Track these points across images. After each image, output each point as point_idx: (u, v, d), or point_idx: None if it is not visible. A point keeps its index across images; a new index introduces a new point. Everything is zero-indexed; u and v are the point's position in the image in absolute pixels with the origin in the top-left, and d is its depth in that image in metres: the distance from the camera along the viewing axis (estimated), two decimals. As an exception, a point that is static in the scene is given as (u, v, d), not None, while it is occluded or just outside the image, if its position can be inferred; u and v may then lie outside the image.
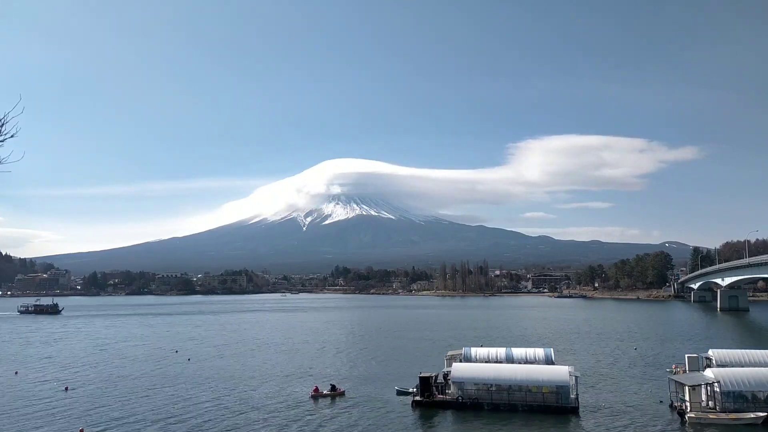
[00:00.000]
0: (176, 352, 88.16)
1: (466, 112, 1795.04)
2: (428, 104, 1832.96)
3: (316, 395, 54.73)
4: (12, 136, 12.01)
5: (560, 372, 49.35)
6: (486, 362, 54.95)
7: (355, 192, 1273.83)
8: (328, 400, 53.21)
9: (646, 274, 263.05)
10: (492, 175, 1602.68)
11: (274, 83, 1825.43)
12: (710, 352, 55.64)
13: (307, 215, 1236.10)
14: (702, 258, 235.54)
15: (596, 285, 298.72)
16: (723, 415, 43.12)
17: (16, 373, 70.33)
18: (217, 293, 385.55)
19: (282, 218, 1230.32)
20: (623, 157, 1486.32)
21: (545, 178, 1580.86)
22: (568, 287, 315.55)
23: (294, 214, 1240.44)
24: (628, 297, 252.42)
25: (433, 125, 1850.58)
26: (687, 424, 42.92)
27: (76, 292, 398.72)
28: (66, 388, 59.47)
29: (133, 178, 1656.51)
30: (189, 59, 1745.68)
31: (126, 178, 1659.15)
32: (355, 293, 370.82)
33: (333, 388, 56.06)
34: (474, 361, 55.56)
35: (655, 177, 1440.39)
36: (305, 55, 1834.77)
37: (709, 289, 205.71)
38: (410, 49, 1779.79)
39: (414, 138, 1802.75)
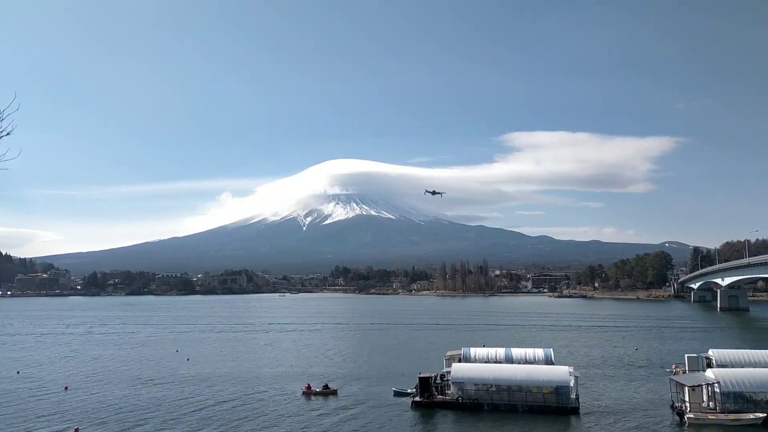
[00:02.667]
0: (177, 351, 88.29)
1: (465, 109, 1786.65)
2: (427, 103, 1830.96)
3: (308, 393, 54.83)
4: (8, 134, 11.94)
5: (560, 372, 49.26)
6: (485, 362, 54.88)
7: (355, 192, 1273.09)
8: (320, 399, 53.28)
9: (646, 274, 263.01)
10: (491, 172, 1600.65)
11: (273, 83, 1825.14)
12: (710, 352, 55.54)
13: (307, 215, 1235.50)
14: (702, 258, 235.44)
15: (596, 285, 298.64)
16: (722, 416, 43.02)
17: (18, 372, 70.37)
18: (217, 293, 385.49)
19: (282, 218, 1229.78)
20: (625, 155, 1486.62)
21: (546, 178, 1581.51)
22: (568, 287, 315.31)
23: (294, 214, 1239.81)
24: (628, 297, 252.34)
25: (432, 124, 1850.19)
26: (686, 425, 42.87)
27: (76, 292, 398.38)
28: (66, 388, 59.50)
29: (133, 179, 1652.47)
30: (189, 62, 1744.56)
31: (126, 178, 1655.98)
32: (355, 293, 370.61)
33: (326, 387, 56.14)
34: (473, 362, 55.45)
35: (656, 176, 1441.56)
36: (304, 55, 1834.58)
37: (709, 289, 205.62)
38: (409, 49, 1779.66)
39: (413, 138, 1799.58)
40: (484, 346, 65.91)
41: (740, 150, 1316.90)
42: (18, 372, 70.46)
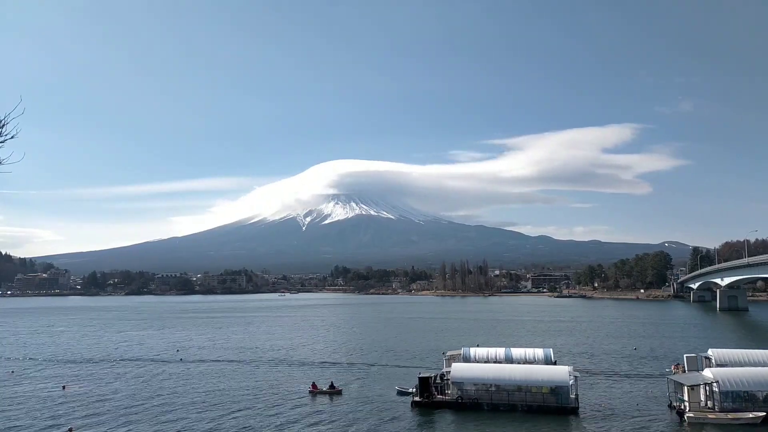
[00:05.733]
0: (177, 351, 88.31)
1: (465, 109, 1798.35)
2: (427, 103, 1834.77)
3: (314, 392, 54.93)
4: (12, 137, 12.01)
5: (560, 372, 49.32)
6: (485, 362, 54.95)
7: (355, 192, 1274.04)
8: (326, 398, 53.41)
9: (645, 274, 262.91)
10: (491, 172, 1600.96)
11: (273, 83, 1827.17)
12: (710, 352, 55.55)
13: (306, 215, 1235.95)
14: (701, 258, 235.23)
15: (596, 285, 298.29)
16: (722, 415, 43.13)
17: (12, 372, 70.34)
18: (217, 293, 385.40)
19: (281, 218, 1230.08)
20: (624, 154, 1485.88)
21: (546, 177, 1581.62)
22: (567, 287, 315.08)
23: (293, 214, 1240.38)
24: (627, 297, 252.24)
25: (431, 124, 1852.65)
26: (686, 424, 42.97)
27: (75, 292, 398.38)
28: (63, 387, 59.58)
29: (132, 179, 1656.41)
30: (189, 62, 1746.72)
31: (126, 178, 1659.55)
32: (354, 293, 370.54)
33: (331, 386, 56.26)
34: (473, 362, 55.48)
35: (656, 176, 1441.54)
36: (305, 55, 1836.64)
37: (709, 289, 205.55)
38: (410, 48, 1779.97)
39: (413, 138, 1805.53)
40: (478, 345, 66.03)
41: (742, 150, 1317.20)
42: (12, 371, 70.44)
